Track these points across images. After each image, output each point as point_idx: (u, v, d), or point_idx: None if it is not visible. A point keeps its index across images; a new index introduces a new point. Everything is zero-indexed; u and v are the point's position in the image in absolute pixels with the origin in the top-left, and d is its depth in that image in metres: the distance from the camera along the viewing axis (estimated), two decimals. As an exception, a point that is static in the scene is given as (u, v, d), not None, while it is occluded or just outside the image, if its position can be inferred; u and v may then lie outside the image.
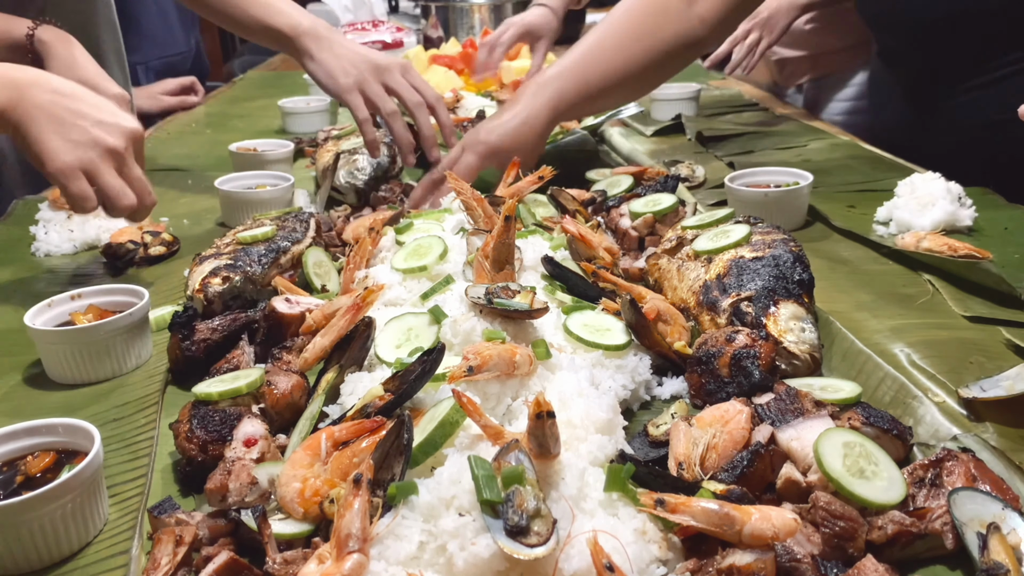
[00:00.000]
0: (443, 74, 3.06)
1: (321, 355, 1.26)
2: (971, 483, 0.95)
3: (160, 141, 2.90)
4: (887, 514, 0.92)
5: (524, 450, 0.92)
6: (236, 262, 1.55)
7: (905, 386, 1.19)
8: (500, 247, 1.35)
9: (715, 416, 1.08)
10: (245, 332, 1.38)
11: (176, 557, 0.91)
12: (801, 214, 1.88)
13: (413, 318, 1.31)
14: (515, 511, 0.85)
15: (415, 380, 1.07)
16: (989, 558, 0.86)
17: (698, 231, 1.52)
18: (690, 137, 2.57)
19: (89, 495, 0.99)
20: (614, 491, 0.95)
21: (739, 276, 1.35)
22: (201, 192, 2.29)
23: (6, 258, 1.89)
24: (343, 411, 1.16)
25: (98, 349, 1.34)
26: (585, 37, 1.97)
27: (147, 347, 1.43)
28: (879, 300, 1.49)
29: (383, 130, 2.40)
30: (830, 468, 0.94)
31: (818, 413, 1.05)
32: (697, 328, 1.39)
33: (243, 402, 1.17)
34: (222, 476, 1.02)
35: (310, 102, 2.98)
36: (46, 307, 1.40)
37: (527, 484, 0.88)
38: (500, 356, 1.10)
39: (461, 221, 1.65)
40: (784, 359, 1.24)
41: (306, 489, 0.95)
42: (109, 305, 1.43)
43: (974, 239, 1.70)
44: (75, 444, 1.05)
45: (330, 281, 1.63)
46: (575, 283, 1.43)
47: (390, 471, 0.94)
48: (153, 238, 1.86)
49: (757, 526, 0.89)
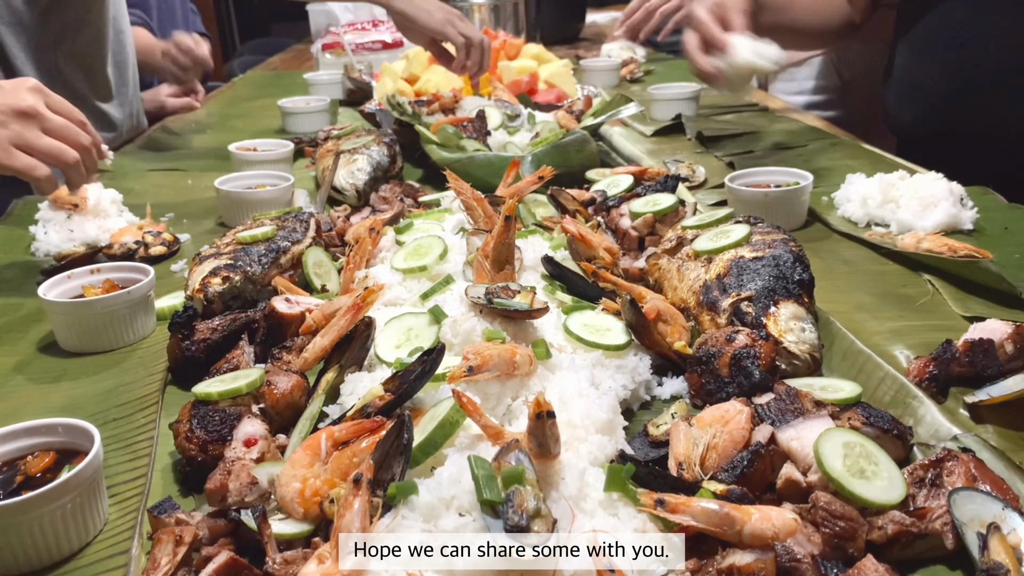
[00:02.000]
0: (443, 74, 3.06)
1: (321, 355, 1.26)
2: (971, 483, 0.95)
3: (160, 141, 2.90)
4: (887, 514, 0.92)
5: (524, 450, 0.92)
6: (236, 262, 1.55)
7: (905, 386, 1.19)
8: (500, 247, 1.35)
9: (715, 416, 1.08)
10: (245, 332, 1.38)
11: (176, 557, 0.91)
12: (801, 214, 1.88)
13: (413, 318, 1.31)
14: (515, 511, 0.85)
15: (415, 380, 1.07)
16: (989, 558, 0.86)
17: (698, 231, 1.52)
18: (690, 137, 2.57)
19: (89, 495, 0.99)
20: (614, 491, 0.95)
21: (739, 276, 1.35)
22: (201, 192, 2.29)
23: (6, 258, 1.89)
24: (343, 411, 1.16)
25: (102, 320, 1.44)
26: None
27: (151, 322, 1.52)
28: (879, 300, 1.49)
29: (383, 130, 2.41)
30: (830, 468, 0.94)
31: (818, 413, 1.05)
32: (697, 328, 1.39)
33: (243, 402, 1.17)
34: (222, 476, 1.02)
35: (310, 102, 2.98)
36: (65, 279, 1.51)
37: (527, 484, 0.88)
38: (500, 356, 1.10)
39: (461, 221, 1.65)
40: (784, 359, 1.24)
41: (306, 489, 0.95)
42: (124, 281, 1.52)
43: (974, 239, 1.70)
44: (75, 444, 1.05)
45: (330, 281, 1.63)
46: (575, 283, 1.43)
47: (390, 471, 0.94)
48: (153, 238, 1.87)
49: (757, 526, 0.89)
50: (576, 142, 2.14)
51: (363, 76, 3.50)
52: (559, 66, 3.28)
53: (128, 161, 2.70)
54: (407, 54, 3.33)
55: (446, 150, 2.18)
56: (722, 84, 2.02)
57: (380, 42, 3.97)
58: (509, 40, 3.47)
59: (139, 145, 2.90)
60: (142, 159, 2.71)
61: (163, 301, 1.59)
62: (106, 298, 1.45)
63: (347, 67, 3.48)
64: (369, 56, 3.88)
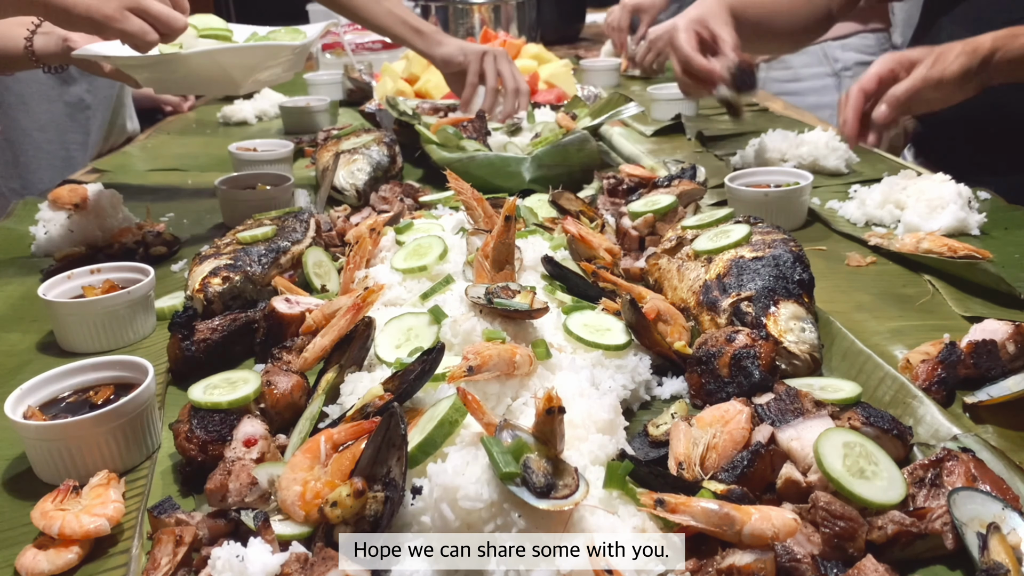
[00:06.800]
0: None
1: (321, 355, 1.26)
2: (971, 483, 0.95)
3: (160, 141, 2.90)
4: (887, 514, 0.92)
5: (512, 424, 0.93)
6: (236, 262, 1.55)
7: (905, 386, 1.19)
8: (500, 247, 1.35)
9: (715, 416, 1.08)
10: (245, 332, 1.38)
11: (176, 557, 0.91)
12: (801, 214, 1.88)
13: (413, 318, 1.31)
14: (536, 474, 0.88)
15: (415, 380, 1.07)
16: (989, 558, 0.86)
17: (698, 231, 1.52)
18: (690, 137, 2.57)
19: (145, 417, 1.16)
20: (613, 488, 0.95)
21: (739, 276, 1.35)
22: (201, 192, 2.29)
23: (6, 258, 1.89)
24: (343, 411, 1.16)
25: (102, 320, 1.45)
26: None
27: (151, 322, 1.53)
28: (879, 300, 1.49)
29: (383, 129, 2.41)
30: (830, 468, 0.94)
31: (818, 413, 1.05)
32: (697, 328, 1.39)
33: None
34: (222, 476, 1.02)
35: (310, 102, 2.98)
36: (65, 279, 1.52)
37: (533, 450, 0.90)
38: (500, 356, 1.10)
39: (461, 221, 1.65)
40: (784, 359, 1.24)
41: (307, 492, 0.95)
42: (124, 281, 1.52)
43: (974, 239, 1.70)
44: (132, 377, 1.21)
45: (330, 281, 1.63)
46: (575, 283, 1.43)
47: (385, 465, 0.94)
48: (153, 238, 1.87)
49: (757, 526, 0.89)
50: (576, 142, 2.14)
51: (363, 76, 3.50)
52: (559, 66, 3.28)
53: (128, 161, 2.70)
54: (407, 54, 3.33)
55: (446, 150, 2.18)
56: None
57: (380, 42, 3.97)
58: (509, 40, 3.47)
59: (139, 145, 2.90)
60: (142, 159, 2.71)
61: (163, 301, 1.59)
62: (106, 298, 1.45)
63: (347, 67, 3.48)
64: (369, 56, 3.89)
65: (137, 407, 1.14)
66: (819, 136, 2.20)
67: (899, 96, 1.75)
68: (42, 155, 2.80)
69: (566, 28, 4.95)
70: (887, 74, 1.80)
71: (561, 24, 4.89)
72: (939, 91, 1.75)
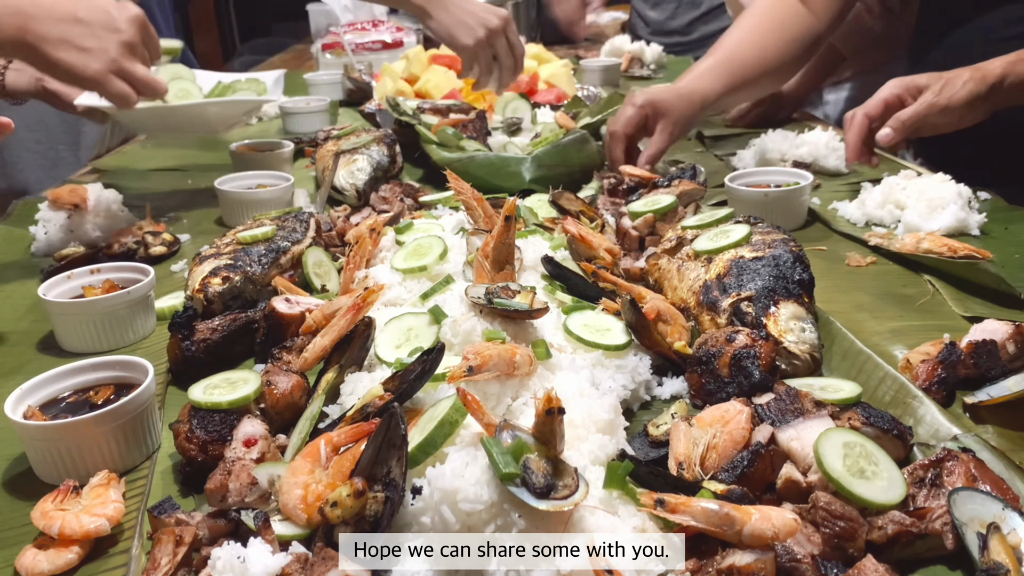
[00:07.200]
0: (443, 74, 3.06)
1: (321, 355, 1.26)
2: (971, 483, 0.95)
3: (160, 141, 2.90)
4: (887, 514, 0.92)
5: (511, 425, 0.93)
6: (236, 262, 1.55)
7: (905, 386, 1.19)
8: (500, 247, 1.35)
9: (715, 416, 1.08)
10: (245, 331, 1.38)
11: (176, 557, 0.91)
12: (801, 214, 1.88)
13: (413, 318, 1.31)
14: (536, 475, 0.88)
15: (415, 380, 1.07)
16: (989, 558, 0.86)
17: (698, 231, 1.52)
18: (690, 137, 2.56)
19: (145, 417, 1.16)
20: (613, 488, 0.95)
21: (739, 276, 1.35)
22: (201, 192, 2.29)
23: (6, 258, 1.89)
24: (343, 411, 1.16)
25: (102, 321, 1.45)
26: (725, 36, 2.22)
27: (151, 322, 1.53)
28: (879, 300, 1.49)
29: (383, 130, 2.40)
30: (830, 468, 0.94)
31: (818, 413, 1.05)
32: (697, 328, 1.39)
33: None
34: (222, 476, 1.02)
35: (310, 102, 2.98)
36: (65, 279, 1.52)
37: (533, 451, 0.90)
38: (500, 356, 1.10)
39: (461, 221, 1.65)
40: (784, 359, 1.24)
41: (308, 495, 0.95)
42: (124, 281, 1.53)
43: (975, 239, 1.70)
44: (132, 378, 1.21)
45: (330, 281, 1.63)
46: (575, 283, 1.43)
47: (385, 465, 0.94)
48: (153, 238, 1.87)
49: (757, 526, 0.89)
50: (576, 142, 2.14)
51: (363, 76, 3.50)
52: (559, 66, 3.28)
53: (128, 161, 2.70)
54: (407, 54, 3.33)
55: (446, 150, 2.18)
56: None
57: (380, 42, 3.97)
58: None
59: (139, 145, 2.90)
60: (142, 159, 2.71)
61: (163, 301, 1.59)
62: (106, 298, 1.45)
63: (347, 67, 3.48)
64: (369, 56, 3.88)
65: (137, 407, 1.14)
66: (819, 136, 2.20)
67: (905, 121, 1.76)
68: (28, 155, 2.79)
69: (563, 34, 4.99)
70: (893, 99, 1.81)
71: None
72: (946, 117, 1.76)
